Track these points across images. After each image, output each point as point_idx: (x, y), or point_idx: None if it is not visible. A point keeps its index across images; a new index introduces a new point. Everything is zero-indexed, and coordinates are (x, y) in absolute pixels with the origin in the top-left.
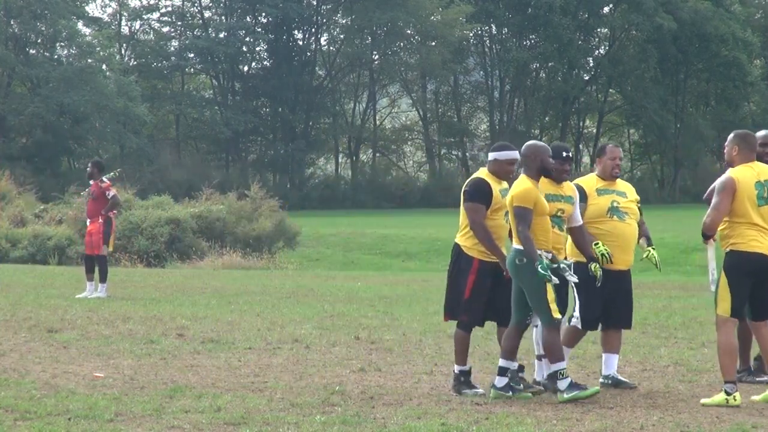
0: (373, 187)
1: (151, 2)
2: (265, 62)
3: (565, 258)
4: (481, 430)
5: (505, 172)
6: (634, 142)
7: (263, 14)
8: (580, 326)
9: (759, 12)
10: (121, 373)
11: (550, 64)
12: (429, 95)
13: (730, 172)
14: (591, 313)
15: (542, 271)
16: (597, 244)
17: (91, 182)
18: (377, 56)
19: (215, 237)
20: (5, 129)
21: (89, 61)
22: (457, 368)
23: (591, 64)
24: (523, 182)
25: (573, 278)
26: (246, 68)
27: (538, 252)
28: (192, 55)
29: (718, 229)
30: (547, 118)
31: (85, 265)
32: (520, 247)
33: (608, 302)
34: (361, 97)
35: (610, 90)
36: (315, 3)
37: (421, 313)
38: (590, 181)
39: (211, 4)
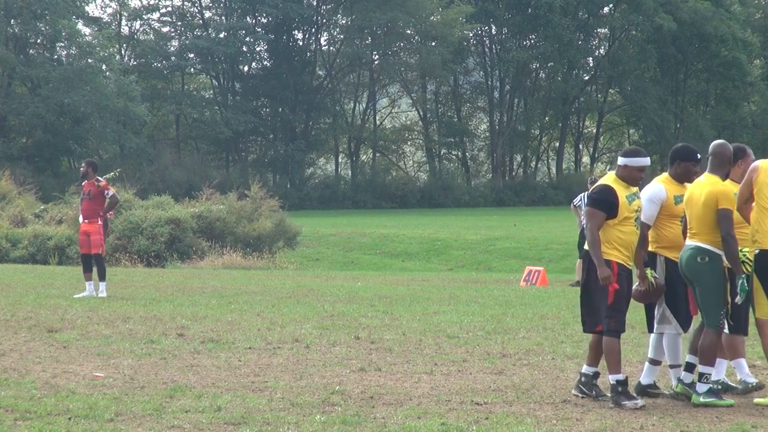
0: (373, 187)
1: (151, 2)
2: (265, 62)
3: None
4: (481, 430)
5: (634, 178)
6: (634, 142)
7: (263, 14)
8: (729, 332)
9: (759, 12)
10: (121, 373)
11: (550, 64)
12: (429, 95)
13: (758, 161)
14: (746, 318)
15: (747, 283)
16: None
17: (85, 182)
18: (377, 56)
19: (215, 237)
20: (5, 129)
21: (89, 61)
22: (612, 378)
23: (591, 64)
24: (719, 182)
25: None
26: (246, 68)
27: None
28: (192, 55)
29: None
30: (547, 118)
31: (83, 265)
32: (705, 245)
33: (741, 307)
34: (361, 97)
35: (610, 90)
36: (315, 3)
37: (421, 313)
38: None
39: (211, 4)
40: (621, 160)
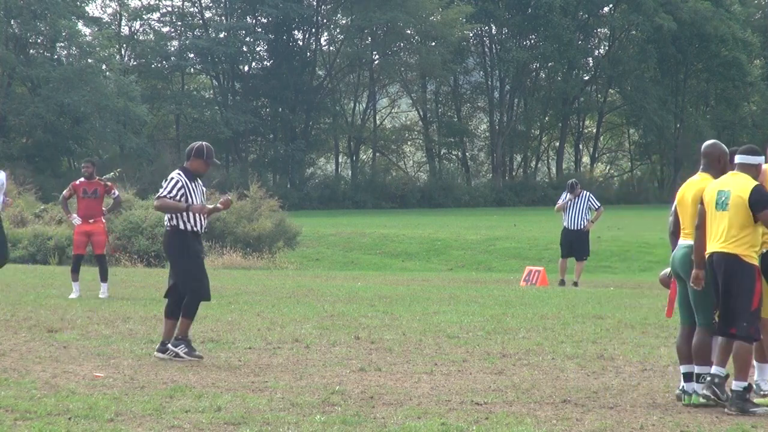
0: (373, 187)
1: (151, 2)
2: (265, 62)
3: None
4: (481, 430)
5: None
6: (634, 142)
7: (263, 14)
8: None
9: (759, 12)
10: (121, 373)
11: (550, 64)
12: (429, 95)
13: (766, 165)
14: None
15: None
16: None
17: (81, 180)
18: (377, 56)
19: (215, 237)
20: (5, 129)
21: (89, 61)
22: (739, 385)
23: (591, 64)
24: (708, 179)
25: None
26: (246, 68)
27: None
28: (192, 55)
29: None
30: (547, 118)
31: (73, 265)
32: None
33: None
34: (361, 97)
35: (610, 90)
36: (315, 3)
37: (421, 313)
38: None
39: (211, 4)
40: (759, 160)
